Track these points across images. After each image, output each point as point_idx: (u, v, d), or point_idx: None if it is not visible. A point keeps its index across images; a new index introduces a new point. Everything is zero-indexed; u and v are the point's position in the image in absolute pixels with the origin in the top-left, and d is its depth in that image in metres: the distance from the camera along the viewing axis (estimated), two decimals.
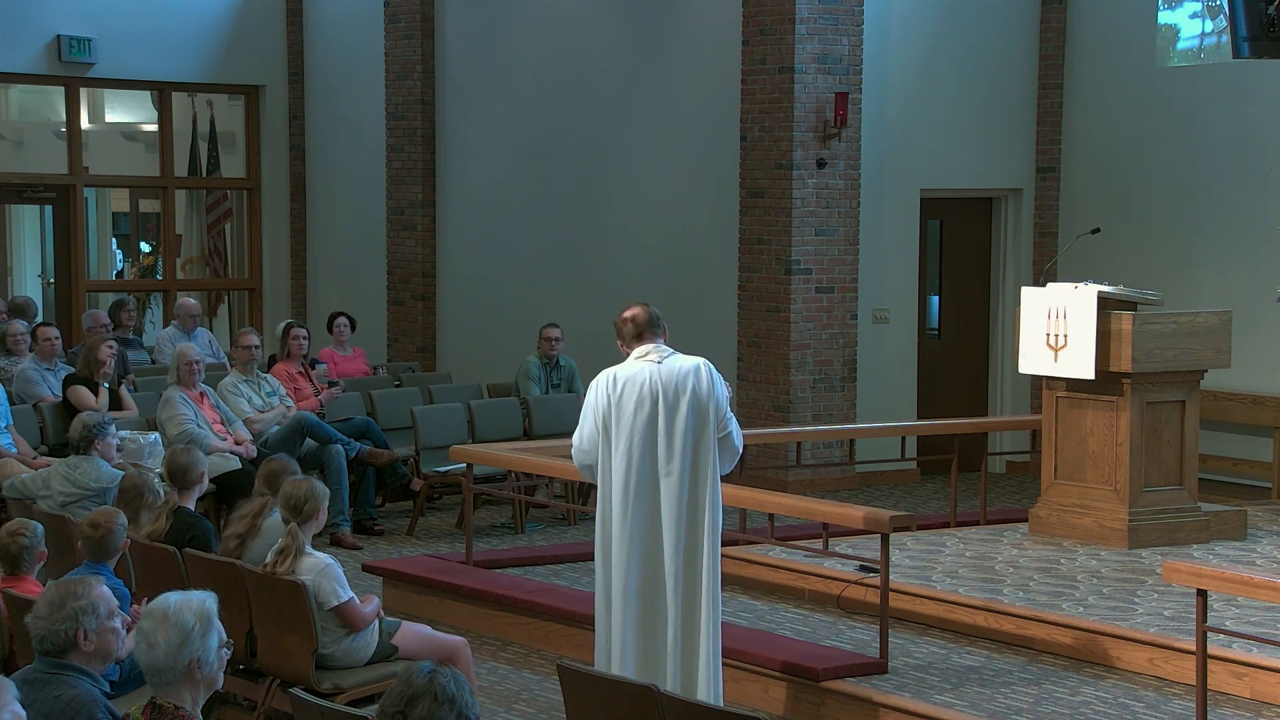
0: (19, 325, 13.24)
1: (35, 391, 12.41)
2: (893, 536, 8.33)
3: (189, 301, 15.41)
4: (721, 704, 7.46)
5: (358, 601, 7.46)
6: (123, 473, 9.62)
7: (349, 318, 14.87)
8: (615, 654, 7.48)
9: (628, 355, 7.57)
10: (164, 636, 4.67)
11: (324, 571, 7.37)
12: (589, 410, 7.51)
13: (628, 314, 7.60)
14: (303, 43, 18.90)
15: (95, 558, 7.25)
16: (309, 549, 7.46)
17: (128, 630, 5.92)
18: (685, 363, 7.51)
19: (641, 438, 7.41)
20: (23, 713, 4.58)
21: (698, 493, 7.45)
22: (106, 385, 12.11)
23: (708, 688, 7.50)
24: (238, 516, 8.01)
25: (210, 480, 10.39)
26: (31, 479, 10.49)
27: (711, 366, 7.57)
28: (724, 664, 8.44)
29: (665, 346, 7.56)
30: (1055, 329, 10.22)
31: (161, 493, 8.41)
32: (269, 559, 7.49)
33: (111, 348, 12.13)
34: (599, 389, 7.48)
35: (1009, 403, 15.16)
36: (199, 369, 11.94)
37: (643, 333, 7.54)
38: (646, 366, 7.48)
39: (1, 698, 4.49)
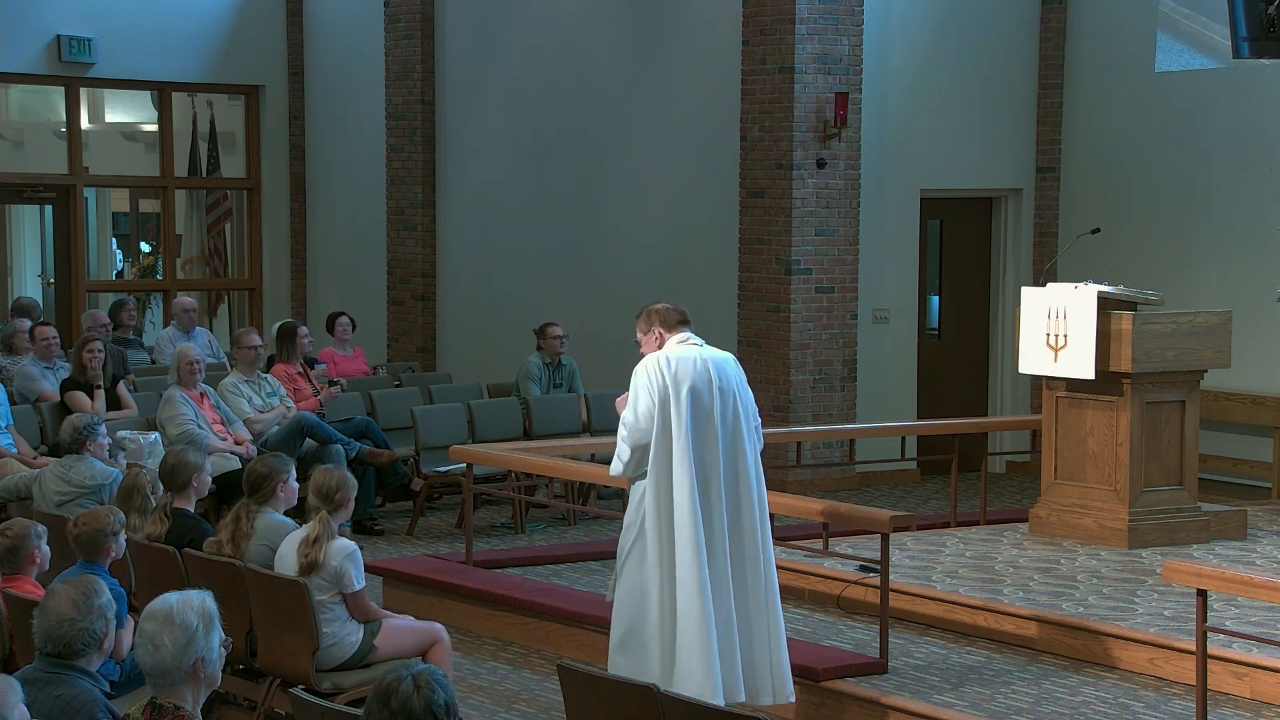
0: (24, 324, 13.24)
1: (36, 386, 12.40)
2: (893, 536, 8.33)
3: (186, 300, 15.41)
4: (793, 695, 7.61)
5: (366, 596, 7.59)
6: (117, 470, 9.63)
7: (350, 318, 14.87)
8: (684, 667, 7.32)
9: (656, 343, 7.68)
10: (169, 638, 4.67)
11: (350, 556, 7.50)
12: (643, 390, 7.51)
13: (660, 305, 7.82)
14: (303, 43, 18.89)
15: (88, 557, 7.25)
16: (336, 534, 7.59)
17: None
18: (721, 351, 7.75)
19: (702, 417, 7.49)
20: (28, 713, 4.59)
21: (754, 475, 7.59)
22: (101, 386, 12.11)
23: (777, 688, 7.57)
24: (221, 524, 8.06)
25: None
26: (23, 478, 10.50)
27: None
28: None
29: (696, 335, 7.75)
30: (1055, 329, 10.22)
31: (158, 495, 8.39)
32: (298, 547, 7.54)
33: (92, 350, 12.12)
34: (652, 370, 7.53)
35: (1009, 403, 15.17)
36: (199, 369, 11.95)
37: (683, 320, 7.76)
38: (692, 350, 7.65)
39: (8, 698, 4.50)
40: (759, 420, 7.74)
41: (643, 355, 7.71)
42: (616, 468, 7.65)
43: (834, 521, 8.59)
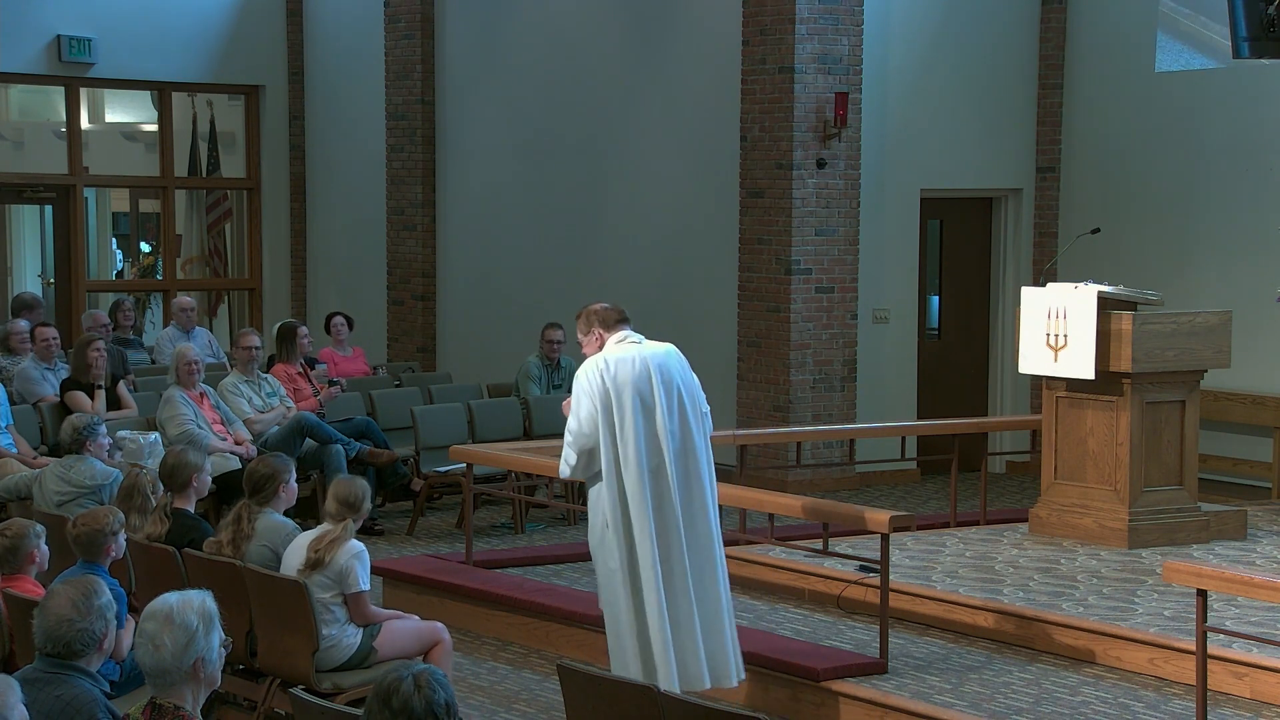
0: (20, 325, 13.24)
1: (36, 390, 12.41)
2: (893, 536, 8.33)
3: (185, 300, 15.42)
4: (734, 683, 7.74)
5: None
6: (117, 470, 9.63)
7: (346, 317, 14.87)
8: (662, 657, 7.49)
9: (596, 344, 7.77)
10: (170, 638, 4.67)
11: (358, 556, 7.56)
12: (583, 395, 7.61)
13: (598, 305, 7.91)
14: (303, 43, 18.90)
15: (88, 557, 7.25)
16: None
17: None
18: (661, 345, 7.81)
19: (646, 416, 7.58)
20: (27, 713, 4.59)
21: (705, 466, 7.71)
22: (102, 386, 12.11)
23: (737, 668, 7.72)
24: (222, 524, 8.06)
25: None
26: (23, 478, 10.50)
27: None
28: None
29: (635, 333, 7.82)
30: (1055, 329, 10.22)
31: (155, 494, 8.39)
32: (309, 542, 7.59)
33: (98, 349, 12.13)
34: (591, 374, 7.62)
35: (1009, 403, 15.17)
36: (198, 369, 11.95)
37: (622, 319, 7.80)
38: (632, 349, 7.71)
39: (7, 698, 4.50)
40: (707, 408, 7.84)
41: (586, 356, 7.81)
42: (564, 470, 7.80)
43: (832, 521, 8.61)
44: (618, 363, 7.63)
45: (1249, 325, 12.29)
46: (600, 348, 7.75)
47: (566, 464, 7.73)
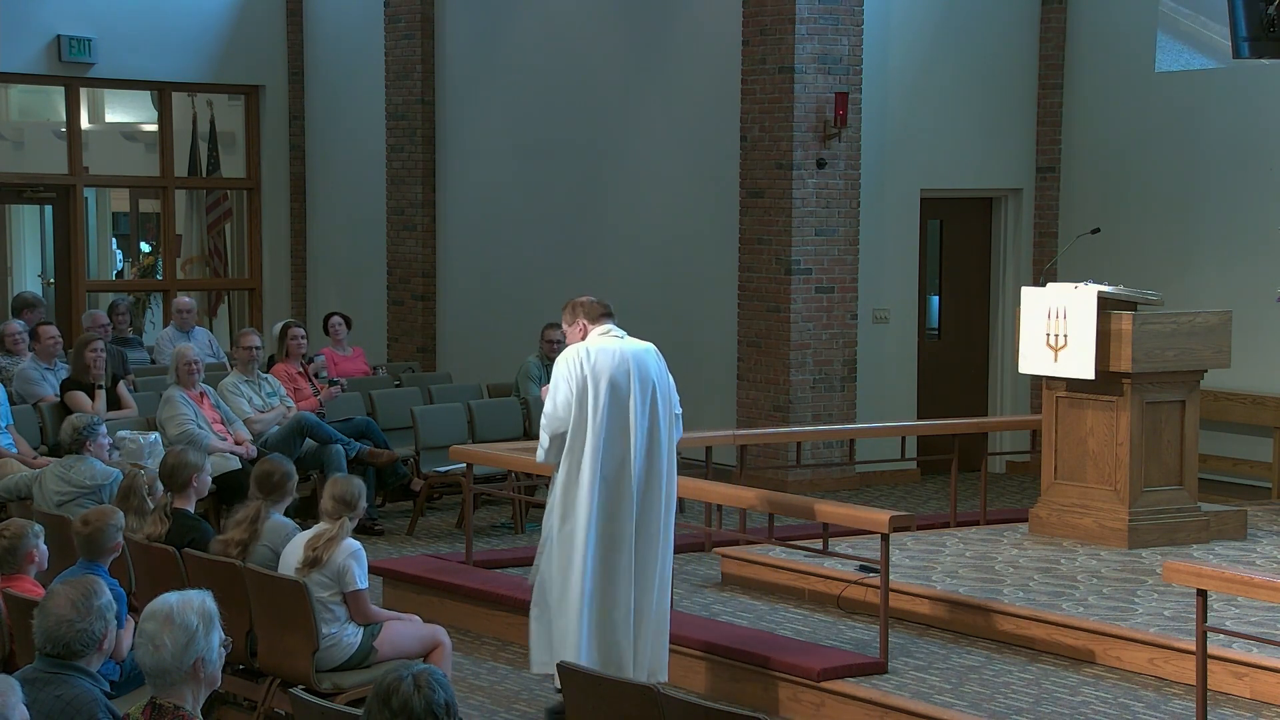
0: (16, 325, 13.24)
1: (35, 391, 12.41)
2: (893, 536, 8.34)
3: (184, 300, 15.42)
4: (666, 676, 7.96)
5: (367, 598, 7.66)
6: (117, 470, 9.63)
7: (344, 317, 14.87)
8: (572, 636, 7.80)
9: (580, 334, 7.98)
10: (170, 638, 4.67)
11: (354, 554, 7.58)
12: (562, 381, 7.85)
13: (584, 298, 8.13)
14: (303, 43, 18.90)
15: (90, 556, 7.25)
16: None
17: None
18: (641, 343, 8.04)
19: (620, 408, 7.83)
20: (28, 713, 4.59)
21: (667, 466, 7.94)
22: (103, 386, 12.11)
23: (659, 660, 7.97)
24: (234, 523, 8.05)
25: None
26: (23, 478, 10.49)
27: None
28: (724, 664, 8.48)
29: (619, 328, 8.03)
30: (1055, 329, 10.22)
31: (155, 493, 8.39)
32: (307, 540, 7.61)
33: (95, 350, 12.12)
34: (571, 361, 7.86)
35: (1009, 403, 15.16)
36: (198, 369, 11.95)
37: (606, 313, 8.03)
38: (613, 342, 7.93)
39: (8, 698, 4.50)
40: (680, 410, 8.06)
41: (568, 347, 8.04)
42: (539, 455, 8.04)
43: (834, 521, 8.62)
44: (598, 353, 7.86)
45: (1249, 325, 12.29)
46: (583, 339, 7.99)
47: (541, 448, 7.99)
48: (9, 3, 16.97)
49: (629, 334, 8.11)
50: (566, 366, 7.85)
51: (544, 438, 7.92)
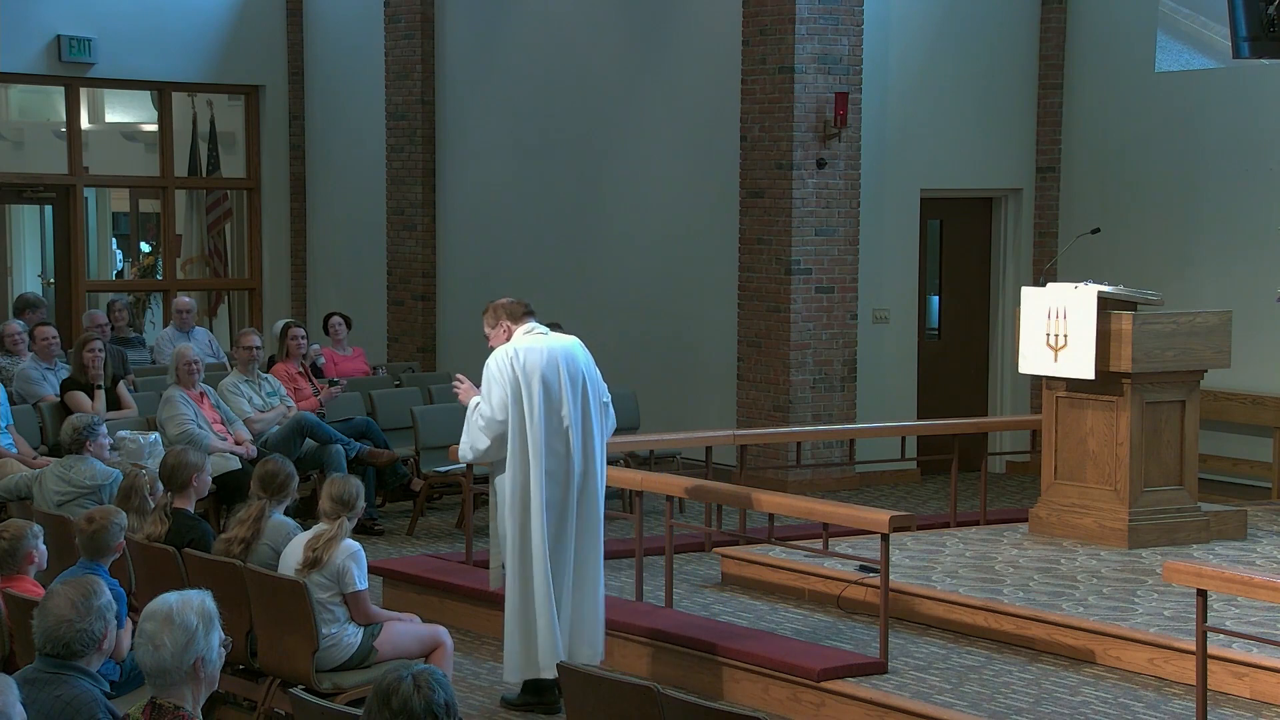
0: (15, 325, 13.23)
1: (35, 391, 12.41)
2: (893, 536, 8.34)
3: (184, 301, 15.42)
4: (603, 656, 8.23)
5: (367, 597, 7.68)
6: (117, 470, 9.63)
7: (344, 317, 14.87)
8: (547, 641, 7.98)
9: (504, 335, 8.21)
10: (169, 637, 4.66)
11: (353, 555, 7.59)
12: (494, 383, 8.07)
13: (504, 300, 8.37)
14: (303, 43, 18.89)
15: (91, 556, 7.25)
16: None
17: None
18: (567, 337, 8.35)
19: (552, 404, 8.05)
20: (25, 712, 4.58)
21: (600, 454, 8.22)
22: (102, 386, 12.11)
23: (598, 643, 8.23)
24: (236, 521, 8.04)
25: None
26: (23, 478, 10.49)
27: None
28: (723, 663, 8.51)
29: (541, 325, 8.27)
30: (1055, 329, 10.22)
31: (156, 493, 8.39)
32: (307, 540, 7.61)
33: (94, 350, 12.12)
34: (502, 362, 8.09)
35: (1009, 403, 15.16)
36: (198, 369, 11.95)
37: (528, 312, 8.28)
38: (539, 340, 8.16)
39: (5, 698, 4.50)
40: (609, 398, 8.35)
41: (492, 349, 8.25)
42: (467, 454, 8.28)
43: (834, 521, 8.61)
44: (527, 352, 8.09)
45: (1249, 325, 12.29)
46: (508, 339, 8.20)
47: (473, 449, 8.21)
48: (9, 3, 16.97)
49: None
50: (498, 368, 8.09)
51: (479, 439, 8.13)
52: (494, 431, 8.08)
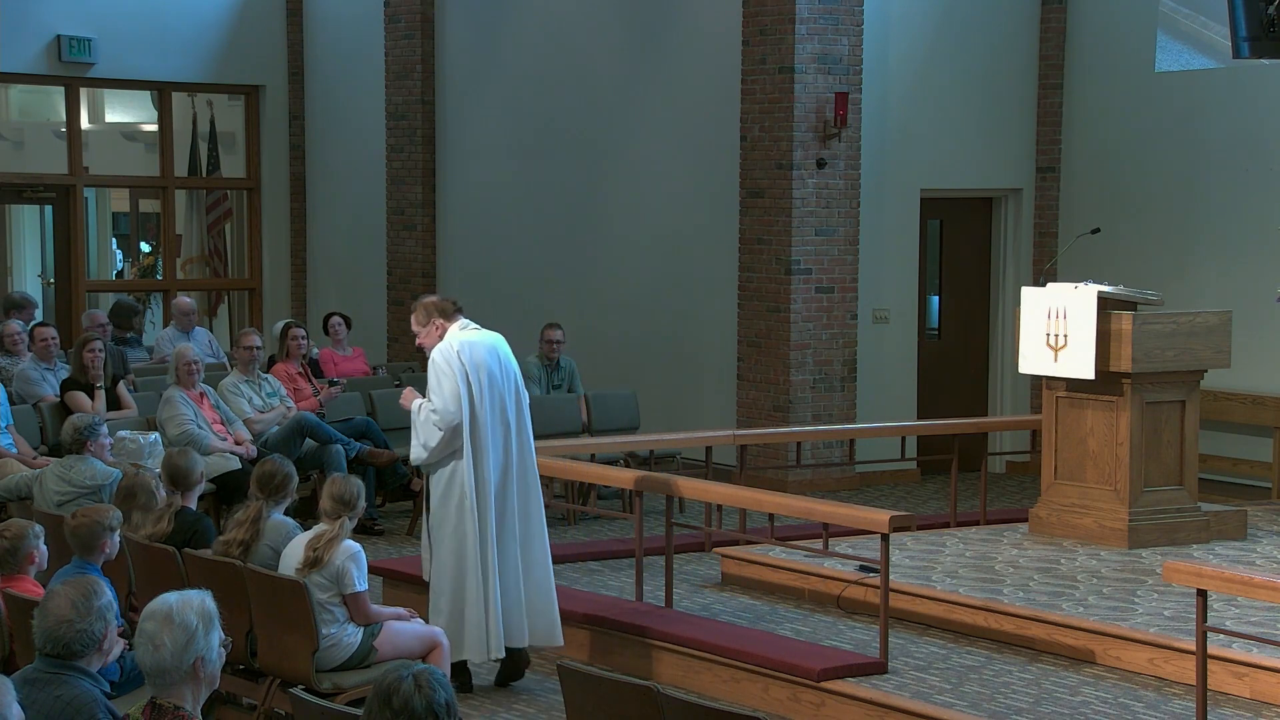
0: (15, 325, 13.23)
1: (35, 391, 12.41)
2: (893, 536, 8.34)
3: (183, 300, 15.42)
4: (561, 641, 8.58)
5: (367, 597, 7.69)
6: (118, 470, 9.63)
7: (343, 317, 14.87)
8: (492, 623, 8.25)
9: (437, 333, 8.37)
10: (169, 637, 4.66)
11: (353, 556, 7.61)
12: (444, 377, 8.26)
13: (433, 298, 8.63)
14: (303, 43, 18.89)
15: (81, 554, 7.24)
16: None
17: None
18: (492, 333, 8.56)
19: (496, 397, 8.32)
20: (22, 712, 4.58)
21: (531, 443, 8.56)
22: (102, 386, 12.11)
23: (554, 626, 8.52)
24: (234, 523, 8.05)
25: (210, 480, 10.40)
26: (23, 478, 10.49)
27: None
28: (723, 663, 8.50)
29: (470, 320, 8.50)
30: (1055, 329, 10.22)
31: (161, 496, 8.39)
32: (308, 540, 7.62)
33: (93, 350, 12.12)
34: (450, 356, 8.28)
35: (1009, 403, 15.16)
36: (198, 369, 11.95)
37: (458, 309, 8.51)
38: (475, 335, 8.40)
39: (3, 697, 4.50)
40: (526, 393, 8.64)
41: (422, 346, 8.48)
42: (420, 454, 8.38)
43: (834, 521, 8.61)
44: (471, 346, 8.32)
45: (1249, 325, 12.29)
46: (441, 337, 8.38)
47: (425, 448, 8.32)
48: (9, 3, 16.97)
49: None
50: (445, 362, 8.27)
51: (432, 434, 8.26)
52: (447, 422, 8.24)
